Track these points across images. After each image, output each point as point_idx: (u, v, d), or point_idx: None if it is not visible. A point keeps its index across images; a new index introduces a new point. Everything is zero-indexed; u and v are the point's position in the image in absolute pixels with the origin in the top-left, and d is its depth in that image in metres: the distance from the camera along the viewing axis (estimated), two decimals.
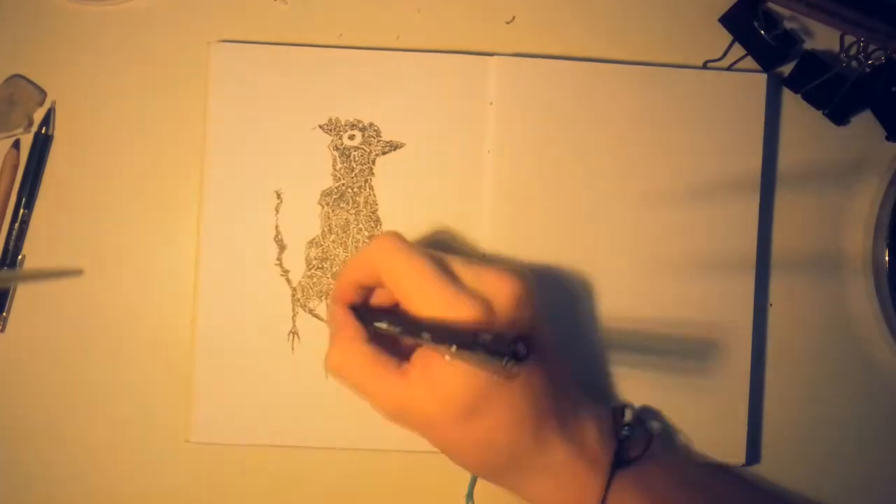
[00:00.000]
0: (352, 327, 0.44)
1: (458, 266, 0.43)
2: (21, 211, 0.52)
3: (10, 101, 0.52)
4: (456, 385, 0.42)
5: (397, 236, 0.44)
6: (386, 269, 0.43)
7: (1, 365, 0.52)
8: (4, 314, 0.52)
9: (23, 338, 0.52)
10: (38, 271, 0.53)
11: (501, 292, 0.42)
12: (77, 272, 0.52)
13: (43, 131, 0.52)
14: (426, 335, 0.41)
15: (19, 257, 0.52)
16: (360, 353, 0.43)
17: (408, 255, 0.43)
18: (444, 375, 0.42)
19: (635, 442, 0.47)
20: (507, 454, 0.44)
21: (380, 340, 0.44)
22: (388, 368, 0.43)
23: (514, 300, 0.43)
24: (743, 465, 0.53)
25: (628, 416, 0.49)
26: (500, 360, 0.39)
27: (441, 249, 0.44)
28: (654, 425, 0.52)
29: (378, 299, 0.47)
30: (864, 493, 0.55)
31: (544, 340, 0.45)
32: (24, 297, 0.53)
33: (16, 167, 0.53)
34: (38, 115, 0.53)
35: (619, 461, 0.46)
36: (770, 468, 0.54)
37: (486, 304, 0.42)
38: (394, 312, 0.45)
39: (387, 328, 0.43)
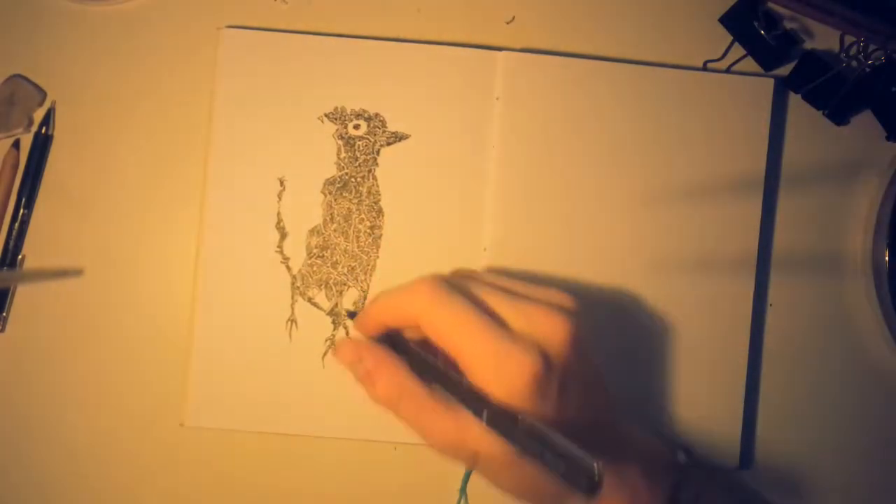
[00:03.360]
0: (393, 363, 0.41)
1: (505, 308, 0.41)
2: (21, 211, 0.52)
3: (10, 101, 0.52)
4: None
5: (439, 283, 0.40)
6: (429, 321, 0.40)
7: (1, 365, 0.52)
8: (4, 314, 0.52)
9: (23, 338, 0.52)
10: (38, 271, 0.53)
11: (556, 336, 0.40)
12: (77, 272, 0.52)
13: (43, 131, 0.52)
14: (486, 413, 0.38)
15: (19, 257, 0.52)
16: (412, 392, 0.40)
17: (454, 308, 0.40)
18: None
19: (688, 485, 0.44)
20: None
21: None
22: (441, 405, 0.40)
23: (569, 344, 0.40)
24: (737, 468, 0.53)
25: (682, 458, 0.46)
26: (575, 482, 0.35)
27: (442, 242, 0.42)
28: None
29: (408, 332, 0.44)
30: (861, 496, 0.55)
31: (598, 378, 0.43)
32: (24, 297, 0.53)
33: (16, 167, 0.53)
34: (38, 115, 0.53)
35: None
36: (763, 472, 0.54)
37: (542, 353, 0.39)
38: (425, 347, 0.42)
39: (442, 393, 0.40)
